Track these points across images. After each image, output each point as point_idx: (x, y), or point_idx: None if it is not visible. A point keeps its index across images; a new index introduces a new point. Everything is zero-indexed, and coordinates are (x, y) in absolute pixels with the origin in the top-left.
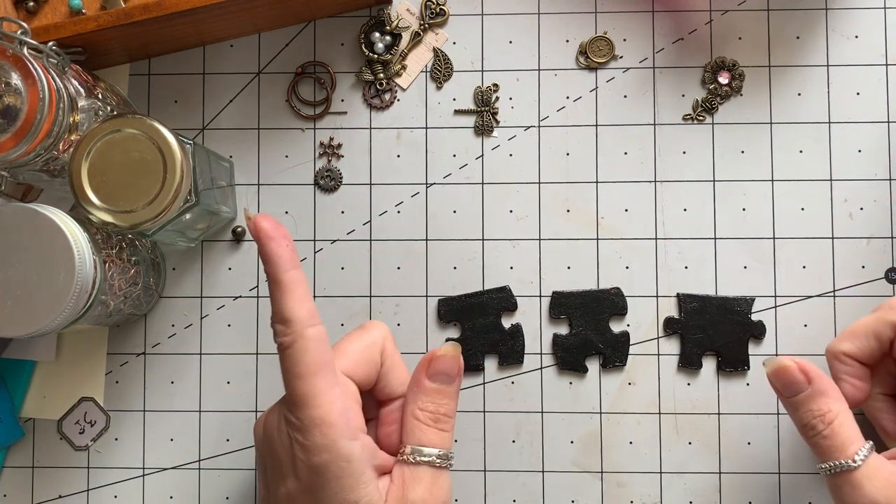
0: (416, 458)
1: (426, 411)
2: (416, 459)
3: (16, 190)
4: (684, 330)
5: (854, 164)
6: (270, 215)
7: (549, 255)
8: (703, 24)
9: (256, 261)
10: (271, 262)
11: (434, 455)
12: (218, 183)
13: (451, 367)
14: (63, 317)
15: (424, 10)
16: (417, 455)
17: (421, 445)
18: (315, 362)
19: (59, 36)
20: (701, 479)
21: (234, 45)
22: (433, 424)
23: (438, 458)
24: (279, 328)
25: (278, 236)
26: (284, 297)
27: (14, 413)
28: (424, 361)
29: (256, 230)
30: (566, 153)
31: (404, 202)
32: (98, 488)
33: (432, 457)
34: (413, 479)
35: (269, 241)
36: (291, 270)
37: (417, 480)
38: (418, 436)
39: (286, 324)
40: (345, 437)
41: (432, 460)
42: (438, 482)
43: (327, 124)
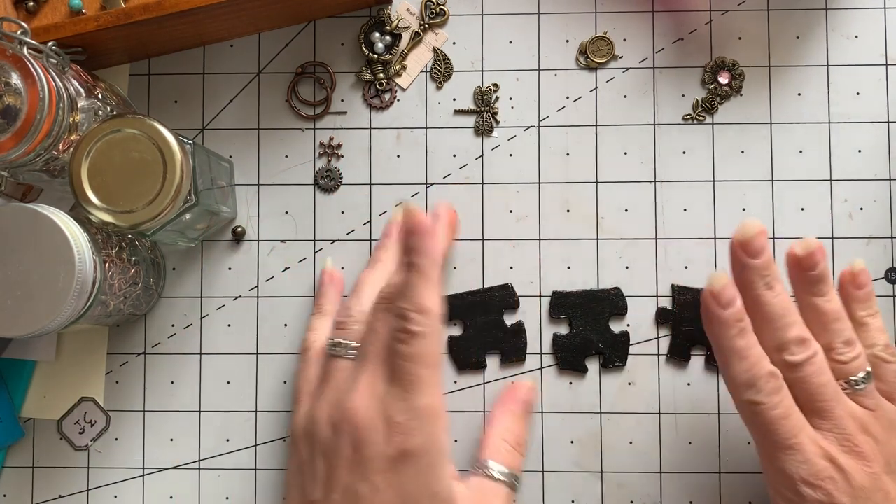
0: (496, 476)
1: (513, 434)
2: (497, 477)
3: (16, 190)
4: (676, 321)
5: (854, 164)
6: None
7: (549, 255)
8: (703, 24)
9: (256, 261)
10: (425, 255)
11: (510, 475)
12: (218, 183)
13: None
14: (63, 317)
15: (424, 10)
16: (500, 473)
17: (504, 465)
18: (440, 356)
19: (59, 36)
20: (701, 479)
21: (234, 45)
22: (514, 448)
23: (516, 480)
24: (416, 317)
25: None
26: (429, 290)
27: (14, 413)
28: (513, 390)
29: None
30: (566, 153)
31: (404, 202)
32: (98, 488)
33: (512, 478)
34: (493, 493)
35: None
36: (438, 267)
37: (496, 495)
38: (504, 456)
39: (426, 313)
40: (444, 430)
41: (511, 481)
42: (510, 501)
43: (327, 124)
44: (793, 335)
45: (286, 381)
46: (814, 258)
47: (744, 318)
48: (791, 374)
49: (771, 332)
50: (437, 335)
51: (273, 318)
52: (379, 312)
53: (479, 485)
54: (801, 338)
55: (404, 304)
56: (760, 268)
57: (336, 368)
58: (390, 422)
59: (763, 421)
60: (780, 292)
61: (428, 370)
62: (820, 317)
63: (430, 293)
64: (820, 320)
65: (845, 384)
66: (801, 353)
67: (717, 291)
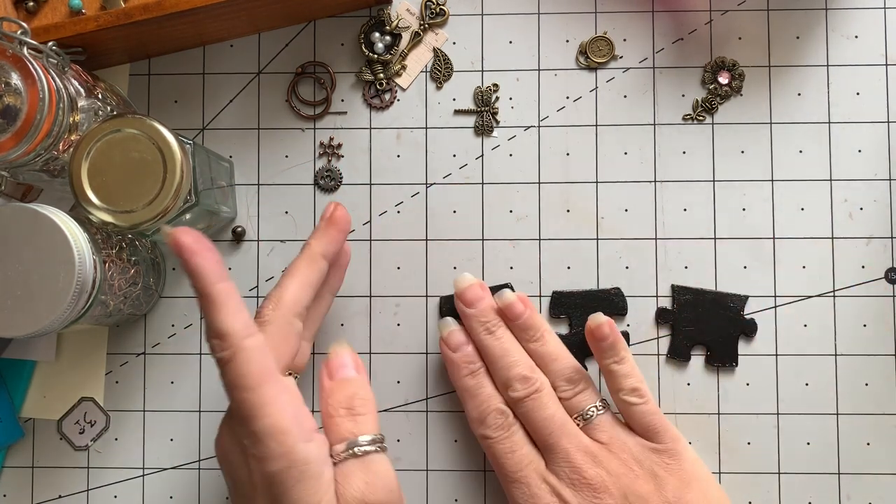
0: (341, 455)
1: (338, 406)
2: (342, 456)
3: (16, 190)
4: (676, 321)
5: (854, 164)
6: (188, 229)
7: (549, 255)
8: (703, 24)
9: (256, 261)
10: (197, 276)
11: (358, 444)
12: (218, 183)
13: (343, 360)
14: (63, 317)
15: (424, 10)
16: (343, 451)
17: (342, 440)
18: (259, 373)
19: (59, 36)
20: None
21: (234, 45)
22: (346, 413)
23: (366, 445)
24: (216, 343)
25: (202, 249)
26: (217, 311)
27: (14, 413)
28: (322, 370)
29: (178, 246)
30: (566, 153)
31: (404, 202)
32: (98, 488)
33: (356, 446)
34: (344, 477)
35: (193, 255)
36: (219, 283)
37: (348, 475)
38: (336, 431)
39: (223, 338)
40: (300, 441)
41: (356, 450)
42: (371, 469)
43: (327, 124)
44: (514, 373)
45: None
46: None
47: (475, 360)
48: (518, 409)
49: (497, 372)
50: (248, 352)
51: None
52: None
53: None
54: (521, 375)
55: (207, 333)
56: (478, 315)
57: None
58: (245, 452)
59: (493, 454)
60: (501, 336)
61: (250, 392)
62: (539, 359)
63: (220, 314)
64: (540, 362)
65: (578, 419)
66: (522, 390)
67: (445, 336)
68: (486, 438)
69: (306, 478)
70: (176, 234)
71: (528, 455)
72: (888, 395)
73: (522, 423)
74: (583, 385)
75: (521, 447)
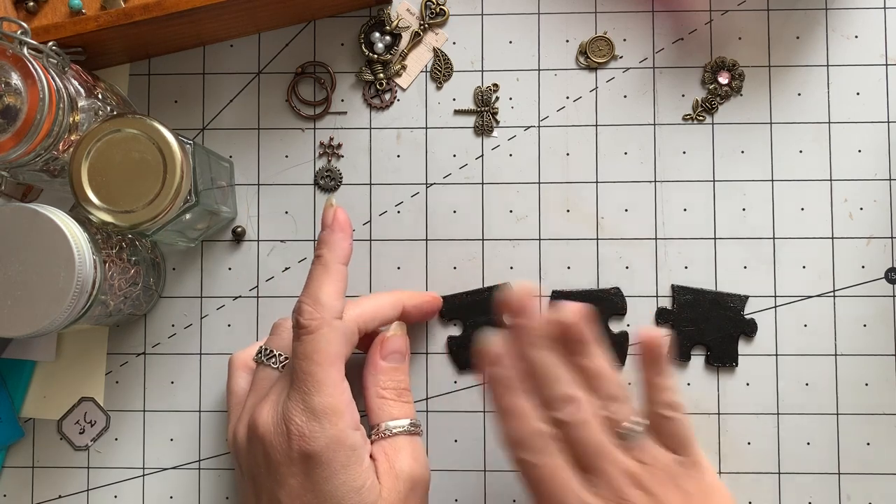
0: (391, 432)
1: (388, 388)
2: (393, 432)
3: (16, 190)
4: (676, 321)
5: (854, 164)
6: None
7: (549, 255)
8: (703, 24)
9: (256, 261)
10: (332, 249)
11: (406, 424)
12: (218, 183)
13: (401, 346)
14: (63, 317)
15: (424, 10)
16: (393, 429)
17: (392, 419)
18: (333, 353)
19: (59, 36)
20: None
21: (234, 45)
22: (398, 399)
23: (412, 426)
24: (308, 309)
25: (349, 231)
26: (327, 282)
27: (14, 413)
28: (376, 344)
29: (332, 218)
30: (566, 153)
31: (404, 202)
32: (98, 488)
33: (405, 426)
34: (395, 451)
35: (341, 231)
36: (343, 264)
37: (399, 450)
38: (388, 411)
39: (317, 305)
40: (351, 428)
41: (406, 429)
42: (417, 448)
43: (327, 124)
44: (559, 392)
45: None
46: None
47: (514, 376)
48: (561, 430)
49: (539, 392)
50: (330, 331)
51: (273, 319)
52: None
53: (381, 450)
54: (564, 395)
55: (302, 296)
56: (524, 327)
57: (260, 378)
58: (290, 426)
59: (531, 479)
60: (547, 351)
61: (321, 368)
62: (584, 375)
63: (328, 286)
64: (585, 379)
65: (620, 437)
66: (565, 410)
67: (485, 351)
68: (524, 463)
69: (353, 462)
70: (337, 210)
71: (568, 478)
72: (888, 395)
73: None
74: (625, 402)
75: (561, 470)
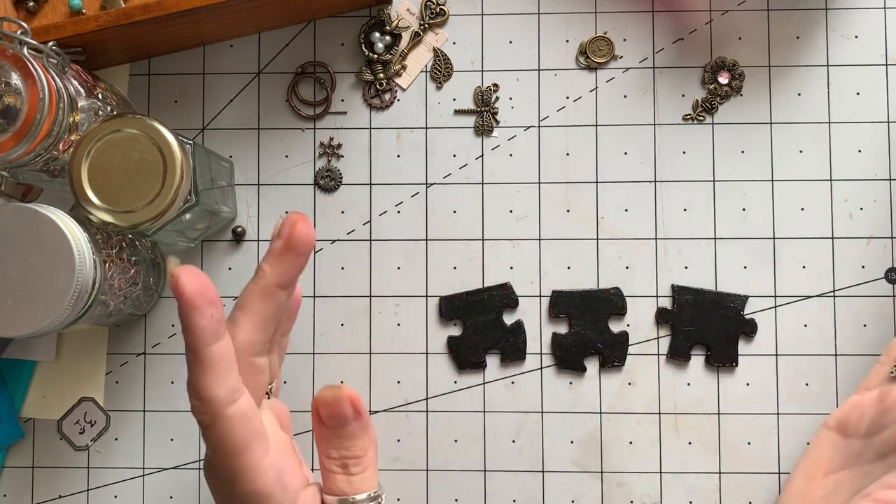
0: None
1: (331, 459)
2: None
3: (16, 190)
4: (676, 321)
5: (854, 164)
6: (197, 270)
7: (549, 255)
8: (703, 24)
9: (256, 261)
10: (191, 333)
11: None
12: (218, 183)
13: (337, 410)
14: (63, 317)
15: (424, 10)
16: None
17: (336, 496)
18: (241, 439)
19: (59, 36)
20: (701, 479)
21: (234, 45)
22: (341, 471)
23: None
24: (196, 405)
25: (202, 304)
26: (202, 374)
27: (14, 413)
28: (313, 407)
29: (179, 293)
30: (566, 153)
31: (404, 202)
32: (98, 488)
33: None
34: None
35: (192, 310)
36: (213, 344)
37: None
38: (331, 486)
39: (204, 403)
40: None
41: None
42: None
43: (327, 124)
44: None
45: (286, 381)
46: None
47: None
48: None
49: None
50: (226, 422)
51: None
52: None
53: None
54: None
55: (189, 392)
56: None
57: None
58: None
59: None
60: None
61: (231, 459)
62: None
63: (205, 378)
64: None
65: None
66: None
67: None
68: None
69: None
70: (181, 278)
71: None
72: None
73: None
74: None
75: None
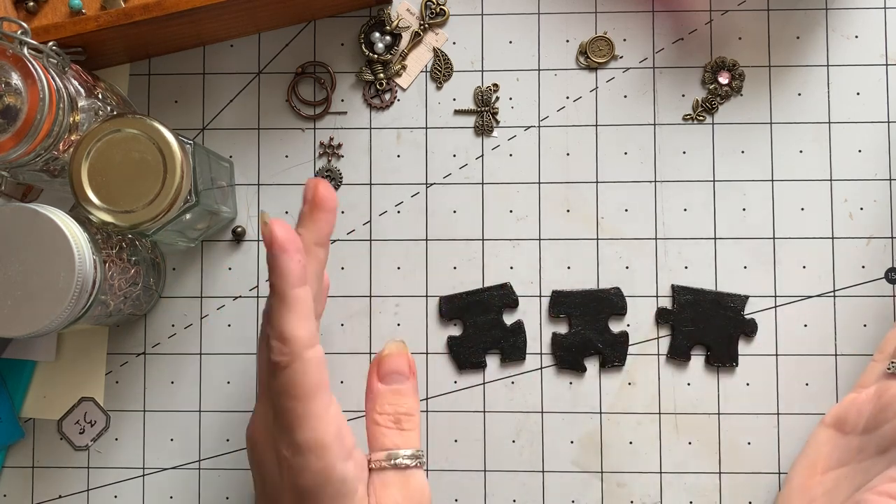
0: (382, 464)
1: (385, 414)
2: (383, 465)
3: (16, 190)
4: (676, 321)
5: (854, 164)
6: (286, 223)
7: (549, 255)
8: (703, 24)
9: (256, 261)
10: (280, 275)
11: (401, 457)
12: (218, 183)
13: (399, 365)
14: (63, 317)
15: (424, 10)
16: (385, 461)
17: (385, 450)
18: (313, 385)
19: (59, 36)
20: (701, 479)
21: (234, 45)
22: (394, 426)
23: (407, 459)
24: (277, 346)
25: (292, 249)
26: (287, 315)
27: (14, 413)
28: (373, 365)
29: (270, 239)
30: (566, 153)
31: (404, 202)
32: (98, 488)
33: (398, 459)
34: (383, 486)
35: (283, 253)
36: (298, 287)
37: (387, 486)
38: (381, 441)
39: (286, 343)
40: (340, 459)
41: (399, 462)
42: (410, 483)
43: (327, 124)
44: None
45: None
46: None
47: None
48: None
49: None
50: (306, 363)
51: None
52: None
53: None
54: None
55: (269, 331)
56: None
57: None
58: (280, 457)
59: None
60: None
61: (300, 403)
62: None
63: (290, 318)
64: None
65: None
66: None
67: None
68: None
69: (341, 496)
70: (272, 226)
71: None
72: None
73: None
74: None
75: None
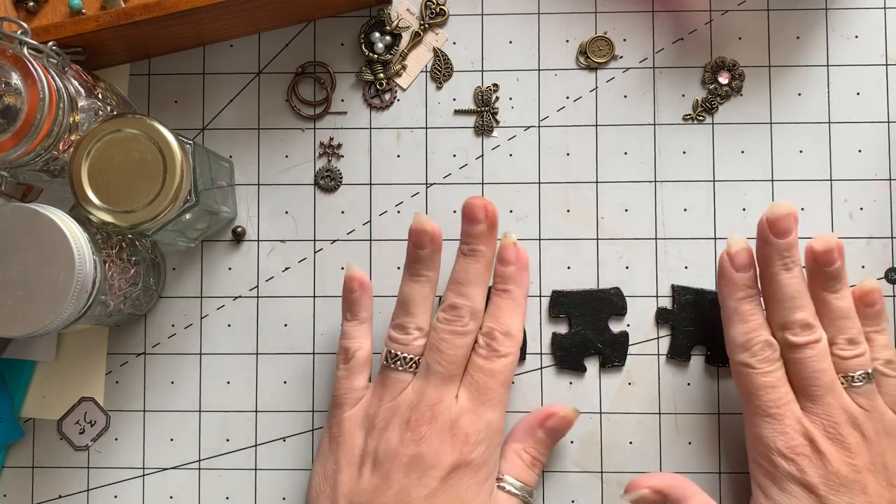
0: (503, 487)
1: (530, 454)
2: (504, 488)
3: (16, 190)
4: (676, 321)
5: (854, 164)
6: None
7: (549, 255)
8: (703, 24)
9: (256, 261)
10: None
11: (520, 487)
12: (218, 183)
13: (562, 428)
14: (63, 317)
15: (424, 10)
16: (506, 485)
17: (518, 479)
18: (511, 380)
19: (59, 36)
20: (701, 479)
21: (234, 45)
22: (528, 465)
23: (524, 493)
24: (502, 338)
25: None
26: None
27: (14, 413)
28: (544, 413)
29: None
30: (566, 153)
31: (404, 202)
32: (98, 488)
33: (524, 492)
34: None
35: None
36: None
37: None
38: (518, 471)
39: (510, 337)
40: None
41: (523, 496)
42: None
43: (327, 124)
44: (798, 317)
45: (286, 381)
46: (831, 255)
47: (754, 286)
48: (790, 354)
49: (779, 311)
50: (515, 360)
51: (273, 319)
52: (445, 333)
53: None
54: (806, 322)
55: (493, 325)
56: (782, 248)
57: (396, 380)
58: (457, 431)
59: (750, 385)
60: (797, 276)
61: (502, 389)
62: (829, 312)
63: (517, 320)
64: (828, 315)
65: (843, 379)
66: (803, 336)
67: (733, 253)
68: (746, 366)
69: (491, 477)
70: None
71: (789, 395)
72: None
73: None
74: (861, 349)
75: (782, 384)
